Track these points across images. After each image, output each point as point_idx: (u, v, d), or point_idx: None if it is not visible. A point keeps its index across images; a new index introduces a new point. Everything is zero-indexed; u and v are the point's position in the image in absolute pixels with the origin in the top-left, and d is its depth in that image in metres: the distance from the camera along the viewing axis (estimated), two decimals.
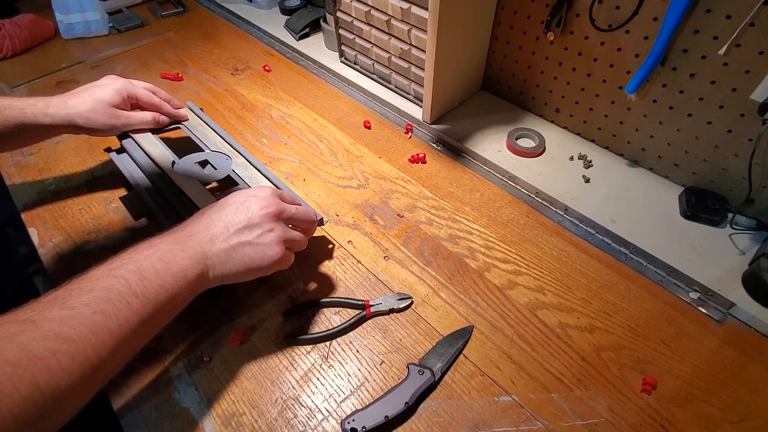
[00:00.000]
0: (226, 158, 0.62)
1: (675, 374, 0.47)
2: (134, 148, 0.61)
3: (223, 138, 0.65)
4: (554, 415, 0.44)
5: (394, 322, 0.51)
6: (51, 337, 0.30)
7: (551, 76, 0.69)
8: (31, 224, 0.61)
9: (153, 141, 0.62)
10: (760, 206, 0.56)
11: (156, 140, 0.62)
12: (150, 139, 0.63)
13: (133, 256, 0.38)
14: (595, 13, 0.58)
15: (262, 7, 1.04)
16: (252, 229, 0.42)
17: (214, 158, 0.61)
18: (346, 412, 0.44)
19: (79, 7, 0.95)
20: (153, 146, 0.61)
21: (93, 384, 0.33)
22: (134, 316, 0.35)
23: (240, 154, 0.62)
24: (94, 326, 0.32)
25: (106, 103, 0.57)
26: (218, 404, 0.45)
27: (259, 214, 0.43)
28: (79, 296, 0.33)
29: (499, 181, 0.67)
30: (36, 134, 0.57)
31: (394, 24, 0.70)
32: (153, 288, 0.36)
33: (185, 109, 0.69)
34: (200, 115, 0.69)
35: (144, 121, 0.62)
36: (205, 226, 0.42)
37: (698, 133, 0.58)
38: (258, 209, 0.43)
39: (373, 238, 0.59)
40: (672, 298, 0.53)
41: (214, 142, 0.64)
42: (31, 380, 0.28)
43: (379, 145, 0.73)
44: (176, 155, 0.60)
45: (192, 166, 0.60)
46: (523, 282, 0.55)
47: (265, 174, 0.59)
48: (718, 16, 0.49)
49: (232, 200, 0.44)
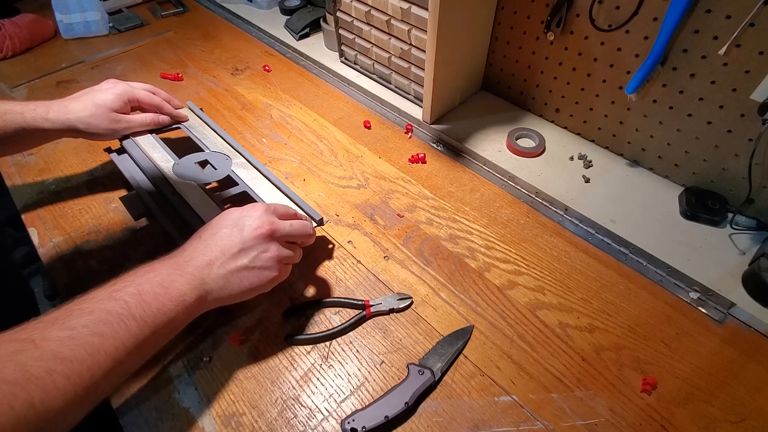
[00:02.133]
0: (226, 158, 0.62)
1: (675, 374, 0.47)
2: (134, 149, 0.61)
3: (223, 138, 0.65)
4: (554, 415, 0.44)
5: (394, 322, 0.51)
6: (49, 357, 0.31)
7: (551, 76, 0.69)
8: (31, 224, 0.61)
9: (153, 142, 0.62)
10: (760, 206, 0.56)
11: (156, 141, 0.62)
12: (150, 140, 0.63)
13: (134, 279, 0.38)
14: (595, 13, 0.58)
15: (262, 7, 1.04)
16: (247, 252, 0.43)
17: (214, 158, 0.61)
18: (346, 412, 0.44)
19: (79, 7, 0.95)
20: (153, 147, 0.61)
21: (85, 404, 0.33)
22: (131, 339, 0.35)
23: (240, 154, 0.62)
24: (91, 348, 0.33)
25: (107, 107, 0.57)
26: (218, 404, 0.45)
27: (253, 236, 0.43)
28: (80, 317, 0.34)
29: (499, 181, 0.67)
30: (36, 139, 0.57)
31: (394, 24, 0.70)
32: (152, 312, 0.37)
33: (185, 109, 0.69)
34: (200, 115, 0.69)
35: (144, 123, 0.62)
36: (202, 251, 0.42)
37: (698, 133, 0.58)
38: (251, 231, 0.43)
39: (373, 238, 0.59)
40: (672, 298, 0.53)
41: (214, 142, 0.64)
42: (26, 399, 0.28)
43: (379, 145, 0.73)
44: (176, 156, 0.61)
45: (192, 167, 0.60)
46: (523, 282, 0.55)
47: (265, 174, 0.59)
48: (718, 16, 0.49)
49: (226, 221, 0.44)
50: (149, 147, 0.62)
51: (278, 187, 0.58)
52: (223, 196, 0.56)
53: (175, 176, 0.58)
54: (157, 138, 0.63)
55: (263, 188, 0.58)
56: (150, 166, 0.60)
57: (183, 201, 0.55)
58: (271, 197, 0.57)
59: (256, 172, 0.60)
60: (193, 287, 0.40)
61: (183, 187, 0.57)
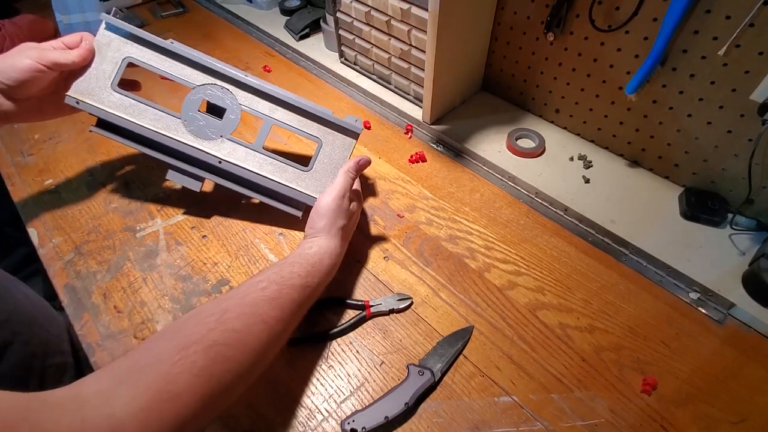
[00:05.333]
0: (221, 89, 0.55)
1: (675, 375, 0.47)
2: (117, 119, 0.53)
3: (193, 61, 0.55)
4: (554, 415, 0.44)
5: (394, 323, 0.51)
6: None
7: (551, 77, 0.69)
8: (31, 224, 0.61)
9: (129, 102, 0.54)
10: (760, 206, 0.56)
11: (131, 99, 0.54)
12: (122, 101, 0.53)
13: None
14: (594, 14, 0.58)
15: (262, 7, 1.04)
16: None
17: (212, 94, 0.54)
18: (346, 413, 0.44)
19: (79, 7, 0.95)
20: (136, 109, 0.54)
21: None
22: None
23: (234, 80, 0.55)
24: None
25: (22, 62, 0.48)
26: None
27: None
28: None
29: (499, 181, 0.67)
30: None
31: (394, 24, 0.70)
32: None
33: (104, 31, 0.55)
34: (139, 34, 0.54)
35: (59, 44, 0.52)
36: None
37: (698, 133, 0.58)
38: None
39: (373, 238, 0.59)
40: (672, 299, 0.53)
41: (189, 71, 0.55)
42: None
43: (379, 145, 0.73)
44: (175, 113, 0.54)
45: (204, 119, 0.54)
46: (523, 282, 0.54)
47: (285, 99, 0.55)
48: (717, 16, 0.49)
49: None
50: (132, 111, 0.53)
51: (306, 110, 0.55)
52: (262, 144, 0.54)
53: (198, 138, 0.53)
54: (127, 94, 0.54)
55: (290, 119, 0.55)
56: (160, 137, 0.53)
57: (239, 168, 0.54)
58: (307, 126, 0.55)
59: (271, 103, 0.55)
60: None
61: (218, 150, 0.53)
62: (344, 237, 0.51)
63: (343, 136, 0.57)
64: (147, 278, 0.55)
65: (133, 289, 0.54)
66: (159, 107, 0.55)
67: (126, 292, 0.53)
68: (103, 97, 0.54)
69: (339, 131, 0.57)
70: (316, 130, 0.57)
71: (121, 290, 0.54)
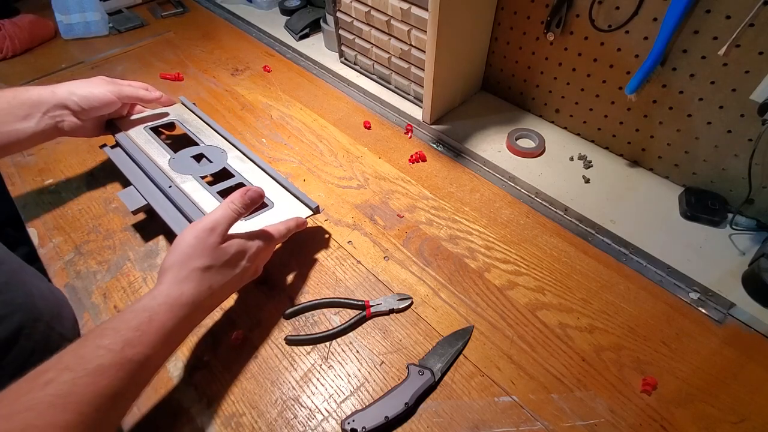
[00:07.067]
0: (222, 152, 0.63)
1: (675, 374, 0.47)
2: (129, 145, 0.62)
3: (217, 132, 0.66)
4: (554, 415, 0.44)
5: (394, 323, 0.51)
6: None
7: (551, 77, 0.69)
8: (31, 224, 0.61)
9: (148, 138, 0.63)
10: (760, 206, 0.56)
11: (150, 136, 0.64)
12: (144, 136, 0.64)
13: None
14: (594, 14, 0.58)
15: (262, 7, 1.04)
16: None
17: (210, 152, 0.63)
18: (346, 413, 0.44)
19: (79, 7, 0.95)
20: (147, 143, 0.62)
21: None
22: None
23: (235, 147, 0.64)
24: None
25: (104, 84, 0.60)
26: (218, 404, 0.45)
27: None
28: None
29: (499, 181, 0.67)
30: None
31: (394, 24, 0.70)
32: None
33: (178, 105, 0.70)
34: (194, 110, 0.70)
35: (137, 93, 0.63)
36: None
37: (698, 133, 0.58)
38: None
39: (373, 238, 0.59)
40: (672, 299, 0.53)
41: (209, 136, 0.66)
42: None
43: (379, 145, 0.73)
44: (171, 150, 0.62)
45: (188, 161, 0.61)
46: (523, 282, 0.54)
47: (260, 165, 0.61)
48: (717, 16, 0.49)
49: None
50: (144, 142, 0.62)
51: (274, 177, 0.59)
52: (220, 188, 0.57)
53: (172, 170, 0.58)
54: (151, 133, 0.64)
55: (259, 179, 0.59)
56: (146, 160, 0.60)
57: (181, 194, 0.56)
58: (267, 188, 0.57)
59: (252, 164, 0.61)
60: None
61: (180, 180, 0.57)
62: (204, 281, 0.41)
63: (300, 206, 0.57)
64: (147, 278, 0.55)
65: (133, 289, 0.54)
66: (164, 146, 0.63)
67: (126, 292, 0.53)
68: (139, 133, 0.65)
69: (297, 200, 0.57)
70: (275, 195, 0.58)
71: (121, 290, 0.54)
